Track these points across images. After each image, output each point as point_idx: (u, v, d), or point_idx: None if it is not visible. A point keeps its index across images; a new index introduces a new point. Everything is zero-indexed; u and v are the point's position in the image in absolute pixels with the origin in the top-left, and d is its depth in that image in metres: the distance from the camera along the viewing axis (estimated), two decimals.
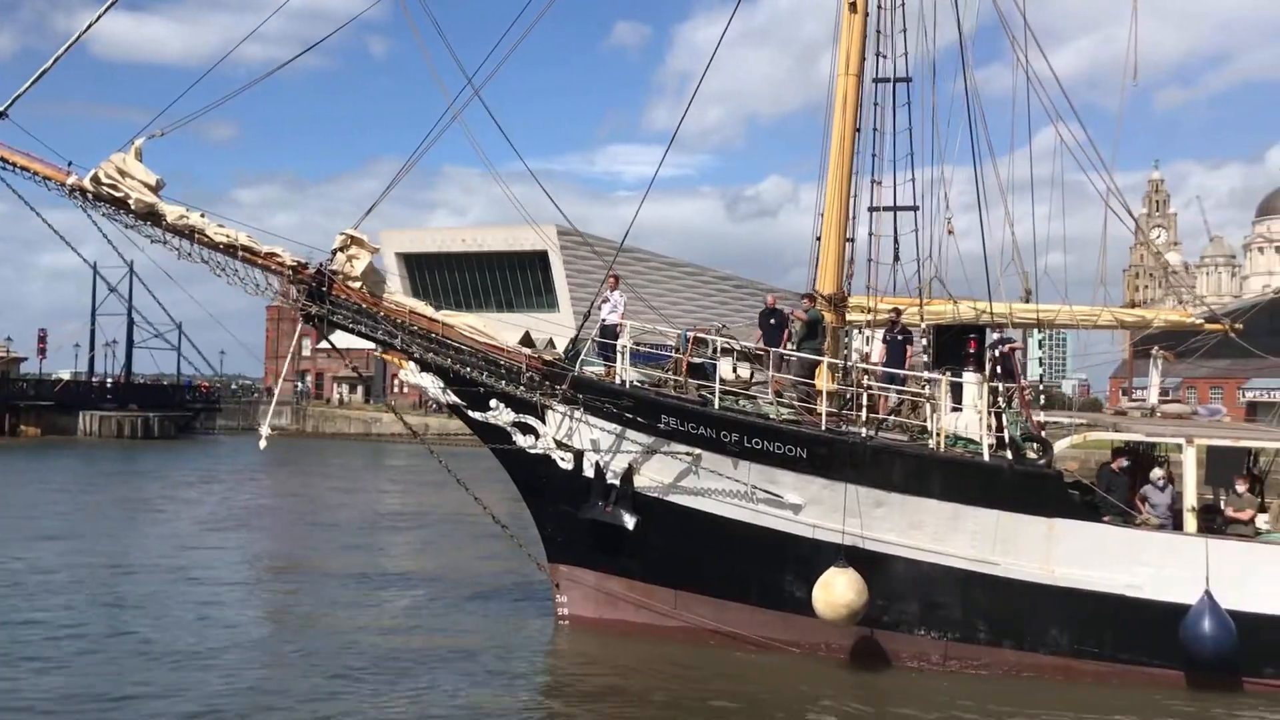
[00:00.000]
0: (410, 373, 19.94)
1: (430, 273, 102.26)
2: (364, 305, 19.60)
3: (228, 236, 19.56)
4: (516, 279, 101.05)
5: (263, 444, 20.37)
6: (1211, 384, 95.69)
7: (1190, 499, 17.85)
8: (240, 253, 19.50)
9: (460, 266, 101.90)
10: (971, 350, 18.51)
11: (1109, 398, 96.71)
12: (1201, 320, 21.04)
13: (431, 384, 19.87)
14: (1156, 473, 18.61)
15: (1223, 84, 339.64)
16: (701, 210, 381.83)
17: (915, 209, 19.70)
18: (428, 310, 20.16)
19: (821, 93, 20.47)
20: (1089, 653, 17.90)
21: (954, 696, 17.32)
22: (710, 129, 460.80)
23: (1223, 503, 19.79)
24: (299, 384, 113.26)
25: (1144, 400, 22.36)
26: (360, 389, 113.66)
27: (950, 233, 19.33)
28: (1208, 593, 17.04)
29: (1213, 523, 18.78)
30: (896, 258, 21.23)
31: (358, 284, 19.73)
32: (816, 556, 18.29)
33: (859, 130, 20.90)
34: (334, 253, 19.76)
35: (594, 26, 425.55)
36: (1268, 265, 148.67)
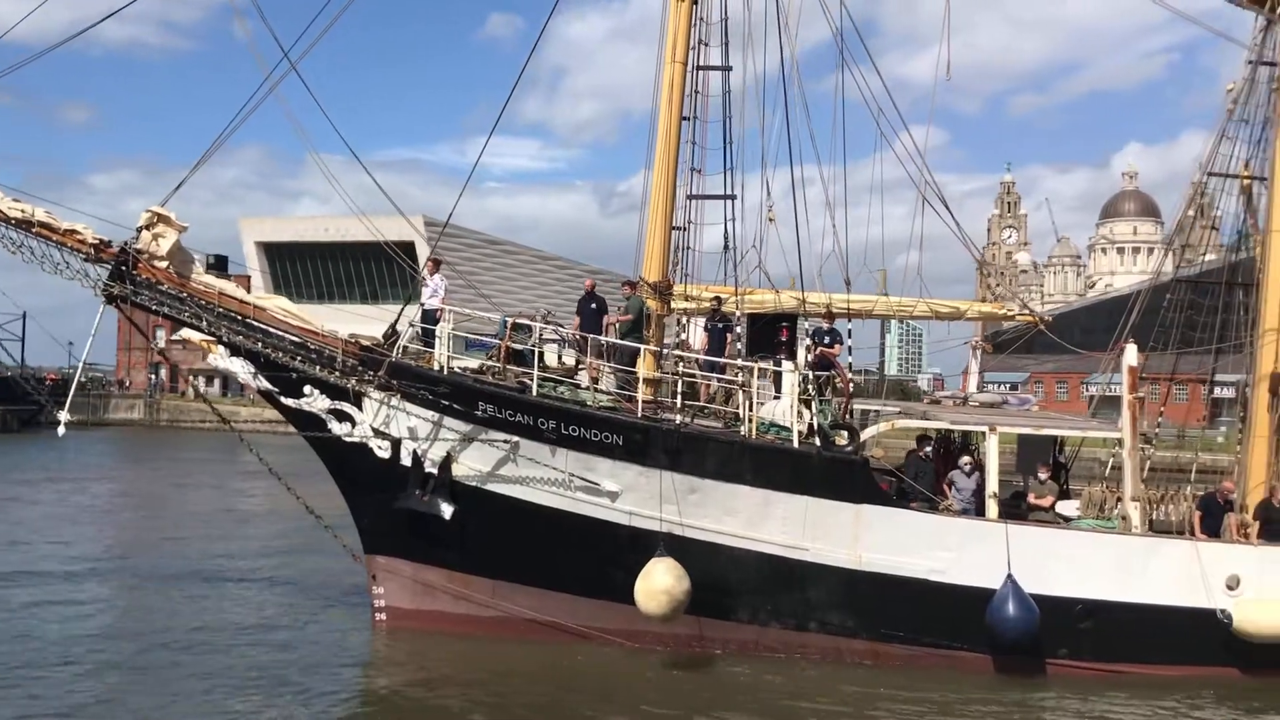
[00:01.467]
0: (219, 357, 19.19)
1: (292, 263, 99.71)
2: (170, 286, 18.79)
3: (23, 211, 18.58)
4: (381, 270, 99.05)
5: (61, 430, 19.52)
6: (1058, 379, 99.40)
7: (992, 485, 18.29)
8: (36, 228, 18.52)
9: (323, 257, 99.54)
10: (783, 339, 18.65)
11: (961, 389, 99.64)
12: (1013, 313, 21.67)
13: (242, 369, 19.17)
14: (963, 460, 19.05)
15: (1075, 91, 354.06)
16: (575, 205, 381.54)
17: (731, 198, 19.76)
18: (238, 292, 19.46)
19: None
20: (896, 637, 18.22)
21: (766, 682, 17.47)
22: (584, 124, 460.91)
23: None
24: (153, 376, 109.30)
25: (958, 391, 22.98)
26: (218, 381, 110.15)
27: (770, 220, 19.43)
28: (1010, 577, 17.49)
29: (1019, 509, 19.34)
30: (727, 247, 21.30)
31: (164, 264, 18.90)
32: (634, 544, 18.23)
33: (686, 119, 20.83)
34: (139, 231, 18.90)
35: (467, 18, 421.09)
36: (1109, 265, 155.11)
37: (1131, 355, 18.65)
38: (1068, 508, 21.28)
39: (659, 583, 17.33)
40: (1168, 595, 18.02)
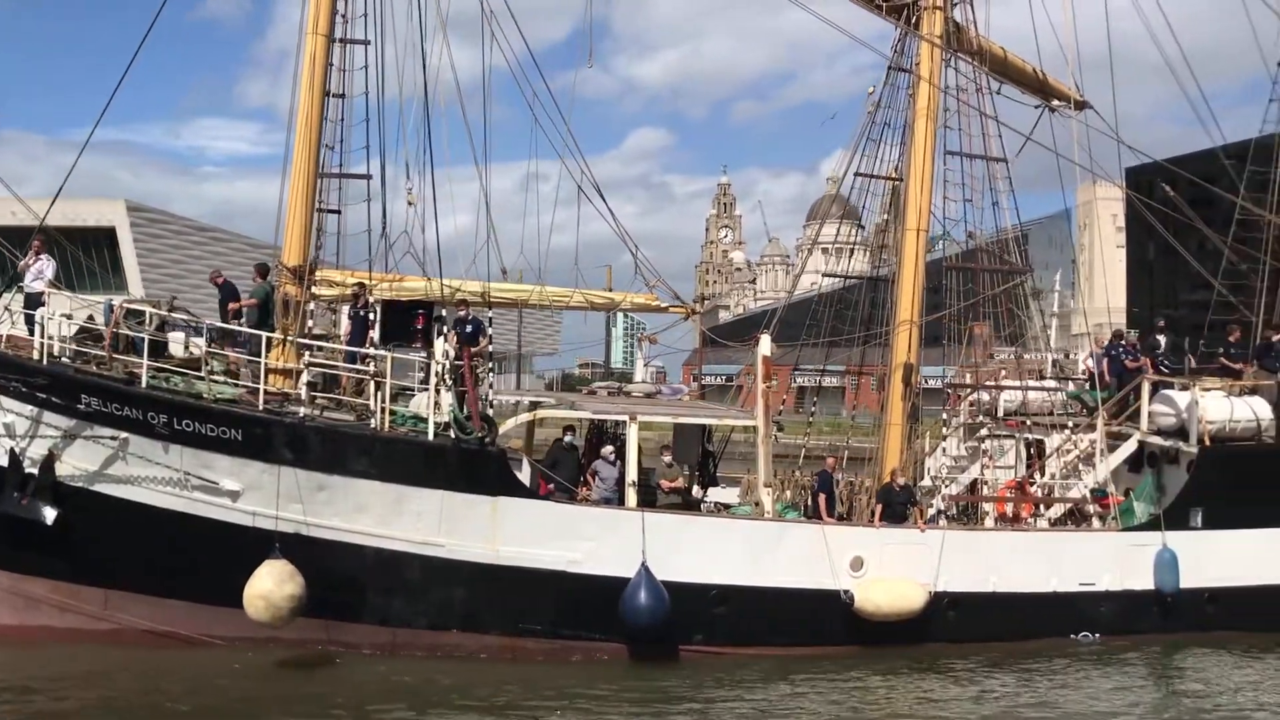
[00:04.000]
0: None
1: None
2: None
3: None
4: (79, 258, 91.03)
5: None
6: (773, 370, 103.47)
7: (631, 474, 18.30)
8: None
9: (12, 243, 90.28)
10: (419, 327, 18.02)
11: (682, 382, 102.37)
12: (666, 304, 21.92)
13: None
14: (606, 449, 18.99)
15: (791, 100, 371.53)
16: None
17: (368, 177, 18.93)
18: None
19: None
20: (535, 630, 17.93)
21: (402, 683, 16.75)
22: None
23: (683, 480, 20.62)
24: None
25: (612, 383, 23.16)
26: None
27: (410, 204, 18.68)
28: (644, 565, 17.52)
29: (671, 496, 19.47)
30: (384, 232, 20.40)
31: None
32: (259, 547, 17.06)
33: (330, 94, 19.74)
34: None
35: None
36: (815, 265, 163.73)
37: (765, 346, 19.14)
38: (729, 495, 21.80)
39: (257, 587, 16.33)
40: (797, 578, 18.58)
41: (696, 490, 21.39)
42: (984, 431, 23.02)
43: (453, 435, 17.18)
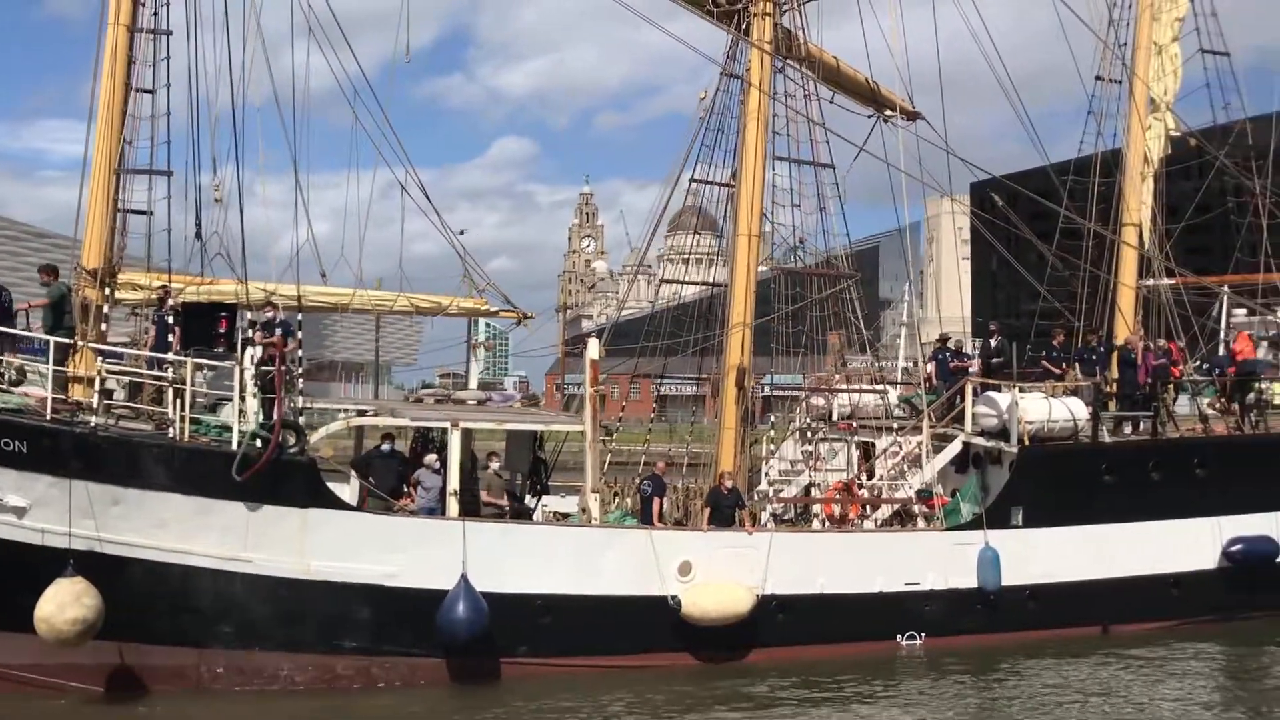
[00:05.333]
0: None
1: None
2: None
3: None
4: None
5: None
6: (631, 378, 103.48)
7: (453, 482, 17.74)
8: None
9: None
10: (222, 330, 17.17)
11: (545, 393, 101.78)
12: (496, 308, 21.48)
13: None
14: (428, 457, 18.39)
15: (653, 112, 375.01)
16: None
17: (168, 174, 17.91)
18: None
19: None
20: (350, 648, 17.17)
21: (208, 711, 15.87)
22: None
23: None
24: None
25: (439, 389, 22.61)
26: None
27: (217, 200, 17.76)
28: (464, 576, 16.96)
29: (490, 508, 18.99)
30: (199, 234, 19.35)
31: None
32: (51, 566, 15.92)
33: (131, 87, 18.67)
34: None
35: None
36: (676, 275, 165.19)
37: (593, 350, 18.83)
38: (568, 504, 21.36)
39: (43, 609, 15.25)
40: (625, 585, 18.28)
41: (530, 499, 20.97)
42: (818, 435, 23.19)
43: (258, 445, 16.35)
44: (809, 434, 23.82)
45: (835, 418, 23.96)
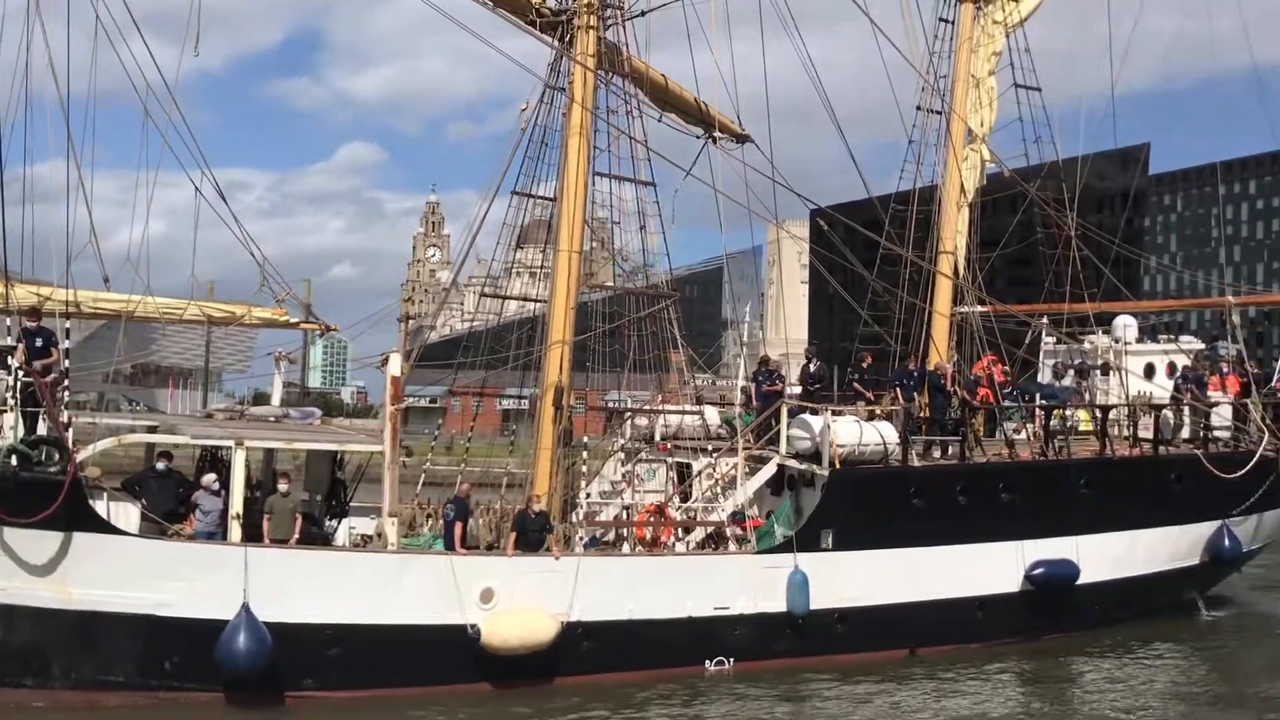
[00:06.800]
0: None
1: None
2: None
3: None
4: None
5: None
6: (474, 393, 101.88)
7: (236, 505, 16.65)
8: None
9: None
10: None
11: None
12: (297, 320, 20.42)
13: None
14: (207, 477, 17.25)
15: (507, 124, 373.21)
16: None
17: None
18: None
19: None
20: (118, 683, 15.94)
21: None
22: None
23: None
24: None
25: (235, 405, 21.50)
26: None
27: None
28: (245, 605, 15.92)
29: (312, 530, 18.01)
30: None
31: None
32: None
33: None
34: None
35: None
36: (521, 289, 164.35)
37: (394, 366, 17.99)
38: (365, 527, 20.34)
39: None
40: (422, 613, 17.49)
41: (332, 524, 19.92)
42: (638, 456, 22.85)
43: (13, 463, 14.98)
44: (629, 455, 23.48)
45: (658, 438, 23.72)
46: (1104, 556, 23.49)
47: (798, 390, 23.99)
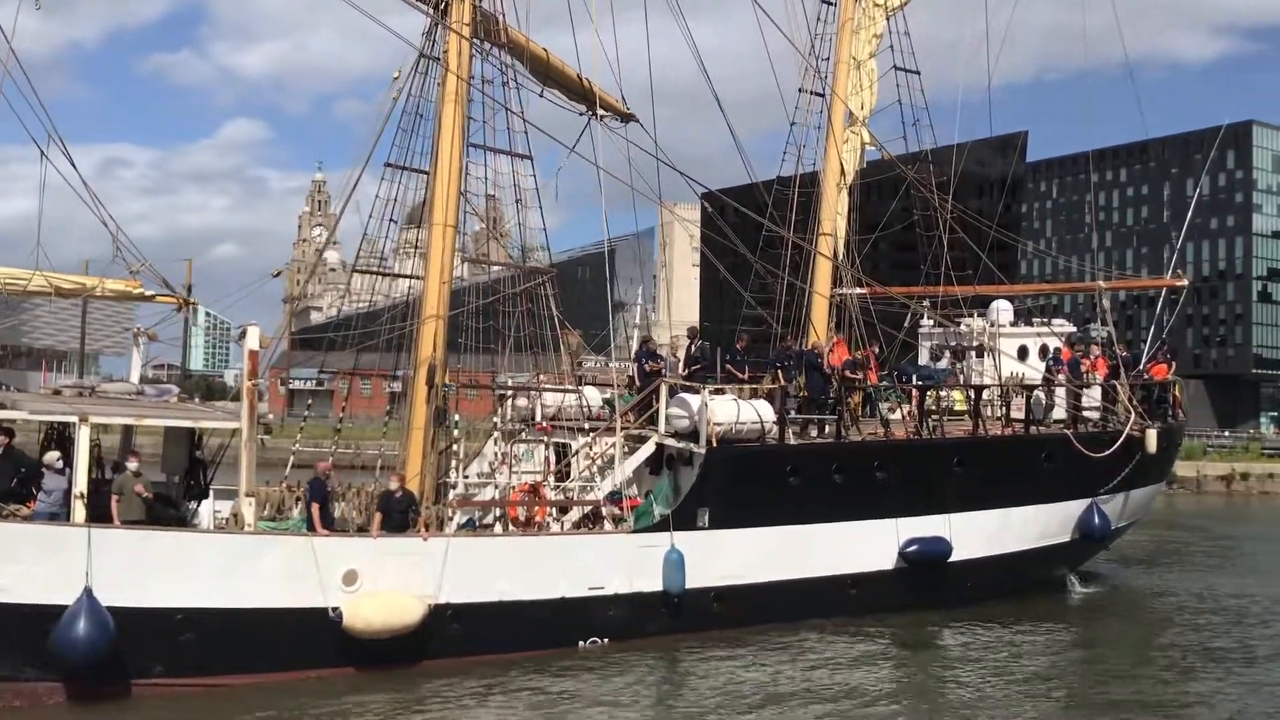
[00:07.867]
0: None
1: None
2: None
3: None
4: None
5: None
6: (347, 373, 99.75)
7: (81, 484, 15.75)
8: None
9: None
10: None
11: (269, 387, 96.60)
12: (153, 292, 19.45)
13: None
14: (49, 455, 16.31)
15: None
16: None
17: None
18: None
19: None
20: None
21: None
22: None
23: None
24: None
25: (81, 381, 20.47)
26: None
27: None
28: (88, 590, 15.05)
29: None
30: None
31: None
32: None
33: None
34: None
35: None
36: (412, 268, 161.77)
37: (253, 339, 17.23)
38: (223, 509, 19.50)
39: None
40: (281, 596, 16.81)
41: (192, 505, 19.04)
42: (517, 436, 22.39)
43: None
44: (507, 436, 22.98)
45: (538, 418, 23.29)
46: (976, 534, 23.84)
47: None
